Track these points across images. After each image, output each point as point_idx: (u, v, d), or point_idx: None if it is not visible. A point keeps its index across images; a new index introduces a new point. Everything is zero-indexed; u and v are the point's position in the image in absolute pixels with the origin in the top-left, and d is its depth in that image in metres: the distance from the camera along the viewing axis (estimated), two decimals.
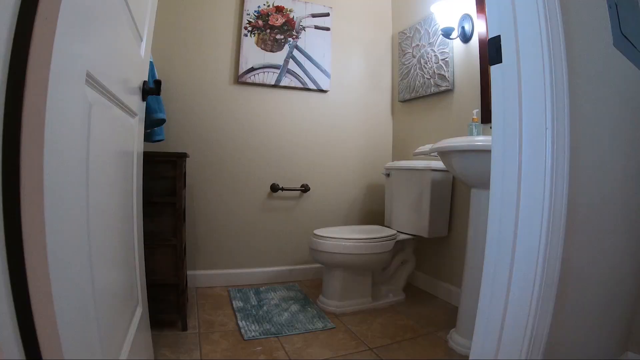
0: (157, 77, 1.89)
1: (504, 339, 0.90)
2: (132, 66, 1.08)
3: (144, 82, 1.25)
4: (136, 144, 1.23)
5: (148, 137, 1.86)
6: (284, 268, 2.62)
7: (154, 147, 2.25)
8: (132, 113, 1.13)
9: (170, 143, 2.34)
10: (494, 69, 0.85)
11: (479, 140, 1.52)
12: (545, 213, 0.79)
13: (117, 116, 0.95)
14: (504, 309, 0.90)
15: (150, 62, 1.55)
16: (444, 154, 1.70)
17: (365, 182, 2.88)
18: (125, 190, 1.09)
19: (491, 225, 0.90)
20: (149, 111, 1.58)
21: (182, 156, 1.70)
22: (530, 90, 0.79)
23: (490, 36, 0.86)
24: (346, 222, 2.81)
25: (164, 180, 1.69)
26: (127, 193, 1.12)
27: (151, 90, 1.26)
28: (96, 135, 0.74)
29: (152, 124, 1.72)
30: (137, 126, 1.23)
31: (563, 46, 0.81)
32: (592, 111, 0.96)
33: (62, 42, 0.54)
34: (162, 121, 1.74)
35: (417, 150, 2.20)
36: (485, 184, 1.60)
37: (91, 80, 0.71)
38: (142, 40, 1.17)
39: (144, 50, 1.20)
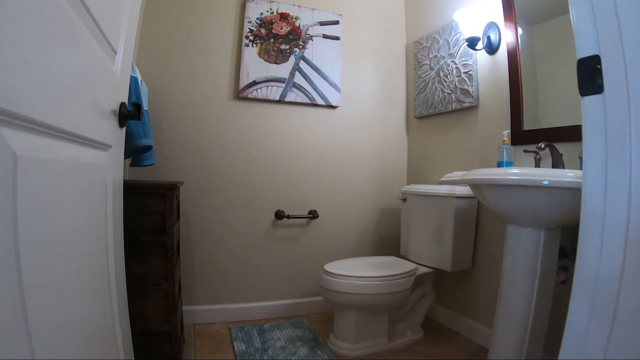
0: (147, 94, 1.67)
1: None
2: (102, 87, 0.86)
3: (122, 104, 1.03)
4: (111, 177, 1.00)
5: (137, 161, 1.64)
6: (290, 301, 2.37)
7: (143, 173, 2.03)
8: (102, 146, 0.90)
9: (162, 167, 2.11)
10: (587, 102, 0.62)
11: (514, 173, 1.33)
12: None
13: (73, 156, 0.72)
14: None
15: (135, 79, 1.32)
16: (475, 186, 1.49)
17: (378, 207, 2.63)
18: (94, 231, 0.86)
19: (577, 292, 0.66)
20: (131, 137, 1.35)
21: (173, 187, 1.47)
22: None
23: (581, 56, 0.62)
24: (358, 250, 2.56)
25: (152, 215, 1.46)
26: (98, 234, 0.89)
27: (130, 114, 1.04)
28: (31, 188, 0.53)
29: (137, 151, 1.49)
30: (112, 158, 1.00)
31: None
32: None
33: None
34: (148, 148, 1.52)
35: (444, 178, 1.97)
36: (522, 222, 1.40)
37: (15, 120, 0.48)
38: (116, 54, 0.94)
39: (120, 67, 0.97)
